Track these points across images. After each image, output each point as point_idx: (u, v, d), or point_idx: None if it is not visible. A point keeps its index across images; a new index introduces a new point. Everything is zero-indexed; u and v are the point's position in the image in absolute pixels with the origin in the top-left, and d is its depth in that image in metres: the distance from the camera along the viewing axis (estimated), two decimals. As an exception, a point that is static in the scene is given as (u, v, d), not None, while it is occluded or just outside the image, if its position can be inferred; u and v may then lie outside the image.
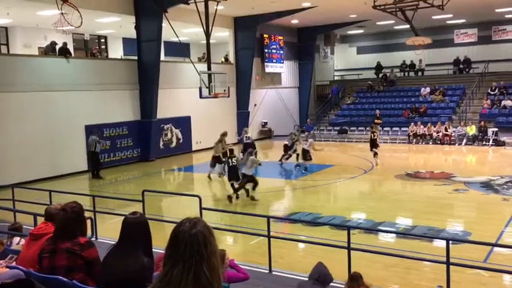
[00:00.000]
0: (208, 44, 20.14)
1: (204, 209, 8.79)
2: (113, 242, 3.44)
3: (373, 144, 18.43)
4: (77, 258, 3.61)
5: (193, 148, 23.78)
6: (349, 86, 32.10)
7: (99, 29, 23.80)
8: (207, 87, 19.50)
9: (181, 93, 22.77)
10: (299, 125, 30.05)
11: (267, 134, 29.25)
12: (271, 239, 7.39)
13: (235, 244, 9.64)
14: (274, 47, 28.69)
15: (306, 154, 17.45)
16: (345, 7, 23.29)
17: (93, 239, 8.10)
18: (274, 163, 19.72)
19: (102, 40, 25.71)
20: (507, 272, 7.30)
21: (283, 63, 29.45)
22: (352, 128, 27.58)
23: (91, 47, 24.05)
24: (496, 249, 8.51)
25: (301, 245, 9.31)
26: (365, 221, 11.08)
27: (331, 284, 4.53)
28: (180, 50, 23.21)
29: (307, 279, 4.99)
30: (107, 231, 9.04)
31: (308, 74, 31.04)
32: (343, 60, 35.58)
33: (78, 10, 12.43)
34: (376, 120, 25.26)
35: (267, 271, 7.25)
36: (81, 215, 3.82)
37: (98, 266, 3.59)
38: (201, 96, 19.44)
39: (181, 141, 23.38)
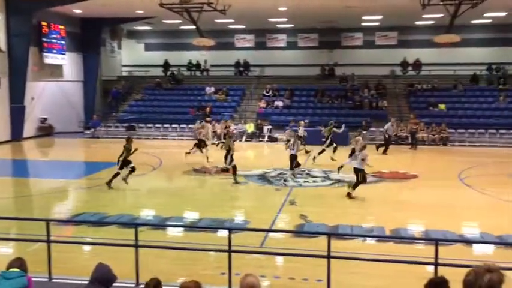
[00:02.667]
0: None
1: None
2: None
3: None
4: None
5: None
6: (138, 83, 31.76)
7: None
8: (-30, 77, 16.92)
9: None
10: (84, 121, 28.46)
11: (46, 130, 26.85)
12: (51, 244, 6.83)
13: (8, 254, 8.59)
14: (55, 36, 26.48)
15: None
16: (132, 1, 22.90)
17: None
18: (58, 162, 18.25)
19: None
20: (280, 254, 8.21)
21: (65, 54, 27.42)
22: (140, 125, 27.37)
23: None
24: (270, 234, 9.51)
25: (86, 248, 8.84)
26: (153, 218, 11.14)
27: (116, 283, 4.40)
28: None
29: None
30: None
31: (94, 67, 29.56)
32: (131, 56, 34.95)
33: None
34: (207, 119, 25.68)
35: (47, 279, 6.68)
36: None
37: None
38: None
39: None
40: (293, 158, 15.15)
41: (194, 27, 24.07)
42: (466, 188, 14.35)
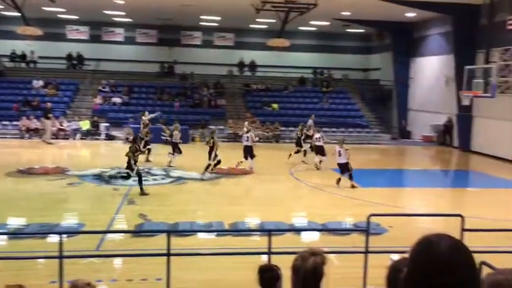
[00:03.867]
0: None
1: None
2: None
3: None
4: None
5: None
6: None
7: None
8: None
9: None
10: None
11: None
12: None
13: None
14: None
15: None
16: None
17: None
18: None
19: None
20: (116, 256, 7.90)
21: None
22: (-49, 122, 23.84)
23: None
24: (107, 236, 9.10)
25: None
26: (-32, 227, 9.79)
27: None
28: None
29: None
30: None
31: None
32: None
33: None
34: (48, 115, 22.82)
35: None
36: None
37: None
38: None
39: None
40: (248, 149, 16.35)
41: (18, 13, 21.79)
42: (295, 181, 15.58)
